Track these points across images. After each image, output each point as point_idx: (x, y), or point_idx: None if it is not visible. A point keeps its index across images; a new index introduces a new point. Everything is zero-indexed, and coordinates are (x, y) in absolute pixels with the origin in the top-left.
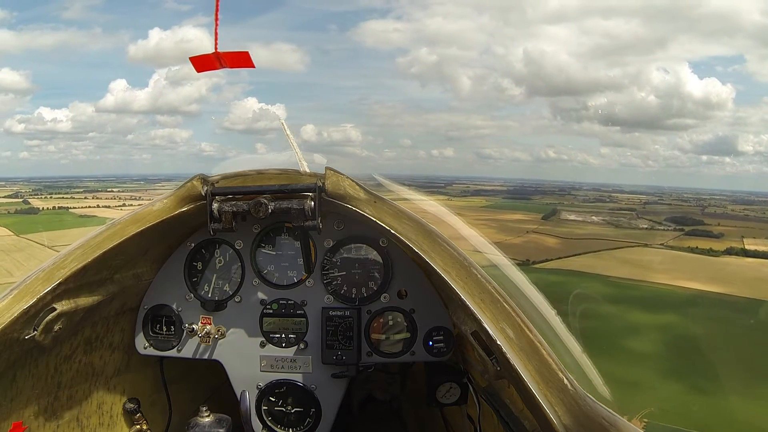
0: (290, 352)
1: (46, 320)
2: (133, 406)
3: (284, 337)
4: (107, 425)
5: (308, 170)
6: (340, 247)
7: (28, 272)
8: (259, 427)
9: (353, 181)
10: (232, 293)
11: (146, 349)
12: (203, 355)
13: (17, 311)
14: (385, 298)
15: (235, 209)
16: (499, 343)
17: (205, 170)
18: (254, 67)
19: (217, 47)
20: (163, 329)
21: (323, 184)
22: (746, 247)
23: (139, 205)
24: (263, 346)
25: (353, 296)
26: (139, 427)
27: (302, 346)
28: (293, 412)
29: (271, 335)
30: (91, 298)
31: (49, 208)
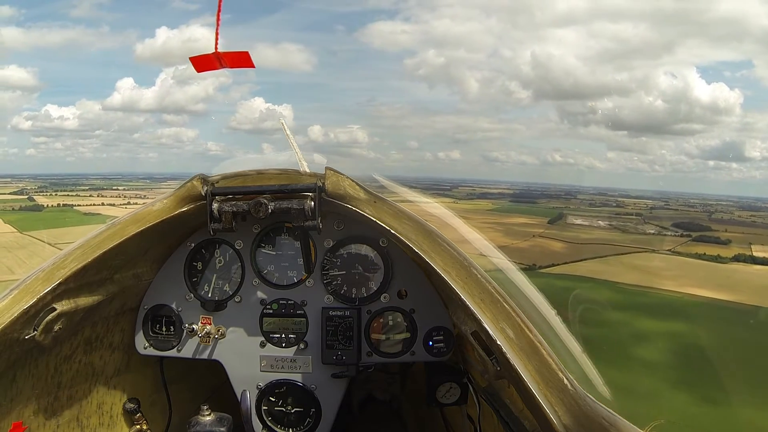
0: (290, 352)
1: (46, 320)
2: (133, 406)
3: (284, 337)
4: (107, 425)
5: (308, 170)
6: (340, 247)
7: (29, 270)
8: (259, 427)
9: (353, 181)
10: (232, 293)
11: (146, 349)
12: (203, 355)
13: (17, 311)
14: (385, 298)
15: (235, 209)
16: (499, 343)
17: (211, 169)
18: (254, 67)
19: (217, 47)
20: (163, 329)
21: (323, 184)
22: (754, 254)
23: (143, 203)
24: (263, 346)
25: (353, 296)
26: (139, 427)
27: (302, 346)
28: (293, 412)
29: (271, 335)
30: (91, 298)
31: (53, 205)
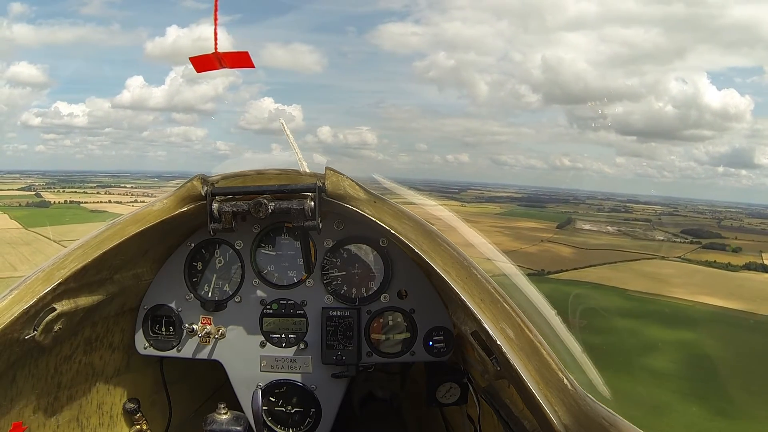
0: (290, 352)
1: (46, 320)
2: (133, 406)
3: (284, 337)
4: (107, 425)
5: (308, 170)
6: (340, 247)
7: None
8: (259, 426)
9: (353, 181)
10: (232, 293)
11: (146, 349)
12: (203, 355)
13: (17, 311)
14: (385, 298)
15: (235, 209)
16: (499, 343)
17: (219, 168)
18: (254, 67)
19: (216, 47)
20: (163, 329)
21: (323, 184)
22: (765, 262)
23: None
24: (263, 346)
25: (353, 296)
26: (139, 427)
27: (302, 346)
28: (293, 412)
29: (271, 335)
30: (91, 298)
31: (60, 201)
